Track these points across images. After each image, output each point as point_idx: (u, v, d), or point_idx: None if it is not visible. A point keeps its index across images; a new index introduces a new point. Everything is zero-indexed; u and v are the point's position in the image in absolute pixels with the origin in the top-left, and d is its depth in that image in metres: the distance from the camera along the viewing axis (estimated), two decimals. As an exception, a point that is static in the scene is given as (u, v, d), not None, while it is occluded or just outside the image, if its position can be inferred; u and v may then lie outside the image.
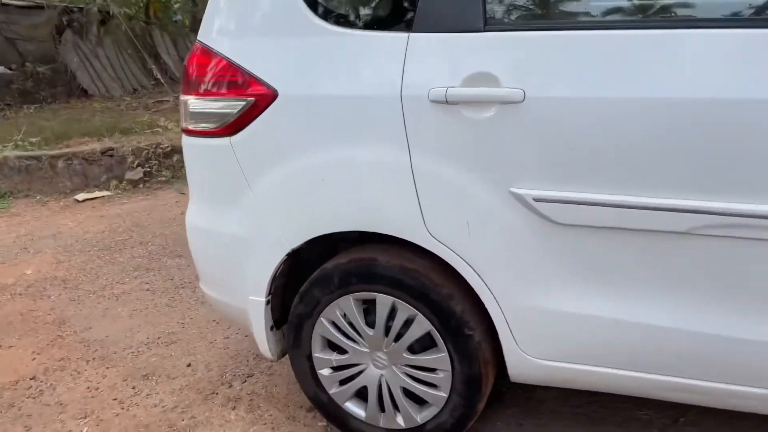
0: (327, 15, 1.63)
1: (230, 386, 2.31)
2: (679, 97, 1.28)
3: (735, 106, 1.25)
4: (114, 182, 5.49)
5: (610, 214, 1.39)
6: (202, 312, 2.93)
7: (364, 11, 1.70)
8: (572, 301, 1.51)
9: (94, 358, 2.61)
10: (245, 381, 2.34)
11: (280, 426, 2.06)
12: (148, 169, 5.57)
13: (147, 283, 3.34)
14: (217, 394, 2.28)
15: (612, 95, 1.34)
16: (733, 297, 1.36)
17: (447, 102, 1.46)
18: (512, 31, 1.45)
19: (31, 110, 8.80)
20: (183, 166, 5.55)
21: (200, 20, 1.83)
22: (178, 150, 5.68)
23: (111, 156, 5.60)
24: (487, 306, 1.59)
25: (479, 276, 1.56)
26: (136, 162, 5.56)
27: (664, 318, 1.42)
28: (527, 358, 1.61)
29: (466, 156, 1.48)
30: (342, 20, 1.63)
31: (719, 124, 1.27)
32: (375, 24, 1.62)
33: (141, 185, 5.48)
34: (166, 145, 5.67)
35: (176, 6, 14.55)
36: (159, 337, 2.72)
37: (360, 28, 1.60)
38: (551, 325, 1.55)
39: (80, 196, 5.28)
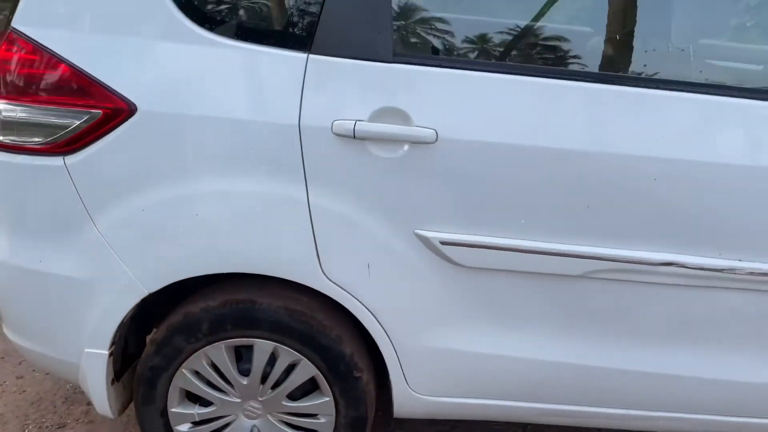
0: (204, 20, 1.37)
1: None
2: (576, 149, 1.33)
3: (624, 161, 1.34)
4: None
5: (515, 258, 1.40)
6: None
7: (253, 22, 1.46)
8: (471, 341, 1.50)
9: None
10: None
11: (115, 488, 1.76)
12: None
13: None
14: (20, 456, 1.86)
15: (520, 143, 1.34)
16: (617, 333, 1.48)
17: (354, 137, 1.32)
18: (423, 65, 1.36)
19: None
20: None
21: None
22: None
23: None
24: (381, 348, 1.51)
25: (376, 318, 1.48)
26: None
27: (557, 354, 1.50)
28: (416, 396, 1.57)
29: (372, 195, 1.37)
30: (224, 29, 1.38)
31: (614, 177, 1.35)
32: (267, 38, 1.40)
33: None
34: None
35: None
36: None
37: (247, 40, 1.37)
38: (447, 364, 1.53)
39: None
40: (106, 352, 1.51)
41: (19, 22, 1.39)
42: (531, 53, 1.48)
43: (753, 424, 1.57)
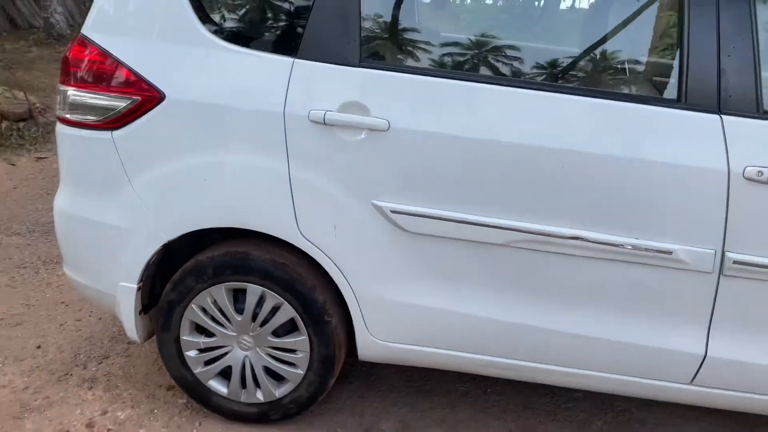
0: (218, 31, 1.80)
1: (85, 367, 2.37)
2: (499, 141, 1.66)
3: (535, 152, 1.65)
4: (-74, 146, 4.96)
5: (450, 227, 1.74)
6: (49, 293, 2.89)
7: (254, 32, 1.88)
8: (416, 295, 1.84)
9: (-75, 340, 2.49)
10: (101, 362, 2.40)
11: (140, 404, 2.18)
12: (-31, 135, 5.09)
13: (-20, 262, 3.18)
14: (71, 375, 2.32)
15: (454, 134, 1.68)
16: (535, 296, 1.78)
17: (325, 124, 1.71)
18: (382, 70, 1.73)
19: None
20: (12, 134, 5.12)
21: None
22: (7, 116, 5.27)
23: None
24: (345, 297, 1.87)
25: (341, 272, 1.84)
26: (-45, 126, 5.06)
27: (485, 310, 1.81)
28: (375, 340, 1.92)
29: (339, 171, 1.75)
30: (232, 37, 1.81)
31: (528, 164, 1.66)
32: (264, 45, 1.81)
33: (-40, 152, 5.01)
34: (-7, 110, 5.23)
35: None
36: (2, 319, 2.65)
37: (249, 47, 1.79)
38: (397, 314, 1.87)
39: None
40: (135, 286, 1.95)
41: (88, 30, 1.86)
42: (465, 63, 1.82)
43: (657, 386, 1.82)
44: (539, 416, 2.22)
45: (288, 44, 1.79)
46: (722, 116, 1.61)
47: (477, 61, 1.85)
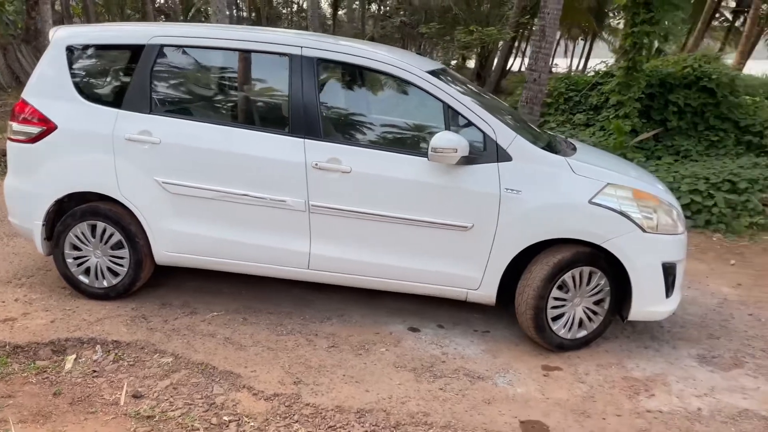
0: (82, 93, 3.74)
1: (20, 279, 4.20)
2: (209, 148, 3.56)
3: (227, 154, 3.55)
4: (-63, 170, 6.87)
5: (189, 190, 3.61)
6: (7, 249, 4.74)
7: (100, 95, 3.82)
8: (178, 226, 3.70)
9: (-70, 267, 4.33)
10: (29, 277, 4.24)
11: (44, 293, 4.00)
12: (-31, 163, 7.02)
13: (-33, 234, 5.04)
14: (11, 282, 4.15)
15: (188, 144, 3.58)
16: (233, 225, 3.64)
17: (130, 140, 3.61)
18: (159, 115, 3.65)
19: None
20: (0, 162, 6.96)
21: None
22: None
23: (-64, 149, 6.98)
24: (145, 228, 3.73)
25: (142, 214, 3.71)
26: (-41, 156, 7.00)
27: (212, 233, 3.66)
28: (161, 251, 3.77)
29: (138, 162, 3.65)
30: (90, 97, 3.74)
31: (224, 159, 3.56)
32: (105, 102, 3.74)
33: (-39, 174, 6.92)
34: (-13, 146, 7.18)
35: (11, 9, 15.66)
36: (-24, 258, 4.51)
37: (96, 103, 3.72)
38: (170, 236, 3.72)
39: None
40: (42, 223, 3.81)
41: (25, 93, 3.79)
42: (190, 111, 3.75)
43: (293, 270, 3.65)
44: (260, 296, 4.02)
45: (118, 102, 3.72)
46: (305, 140, 3.52)
47: (196, 109, 3.79)
